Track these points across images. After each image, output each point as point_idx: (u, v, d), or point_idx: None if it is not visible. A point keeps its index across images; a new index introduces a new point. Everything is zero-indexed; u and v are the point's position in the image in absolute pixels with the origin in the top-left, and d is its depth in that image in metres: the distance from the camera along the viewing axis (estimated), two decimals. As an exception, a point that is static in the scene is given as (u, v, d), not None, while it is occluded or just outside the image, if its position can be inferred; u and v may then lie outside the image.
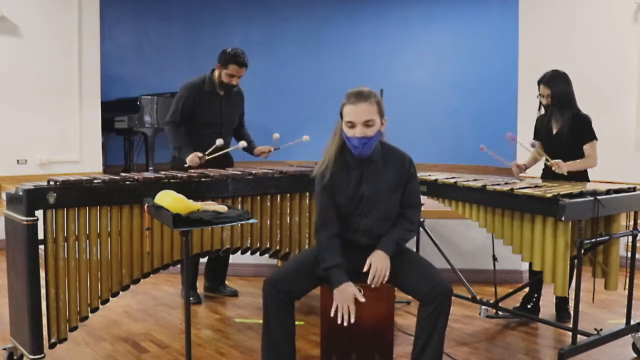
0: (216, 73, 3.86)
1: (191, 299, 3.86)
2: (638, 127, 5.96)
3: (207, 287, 4.18)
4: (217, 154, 3.67)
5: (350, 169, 2.60)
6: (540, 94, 3.55)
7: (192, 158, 3.66)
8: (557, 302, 3.63)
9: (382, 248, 2.55)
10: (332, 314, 2.43)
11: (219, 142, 3.66)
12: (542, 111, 3.61)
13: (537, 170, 3.73)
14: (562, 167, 3.34)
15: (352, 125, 2.49)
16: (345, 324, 2.41)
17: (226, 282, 4.19)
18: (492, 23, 8.49)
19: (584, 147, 3.47)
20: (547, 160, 3.38)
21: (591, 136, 3.47)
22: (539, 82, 3.53)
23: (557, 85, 3.45)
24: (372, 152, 2.56)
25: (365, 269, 2.51)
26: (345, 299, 2.42)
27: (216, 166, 3.54)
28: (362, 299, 2.44)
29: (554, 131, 3.51)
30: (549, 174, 3.52)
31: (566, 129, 3.43)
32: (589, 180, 3.48)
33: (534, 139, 3.68)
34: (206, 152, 3.66)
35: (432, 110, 8.85)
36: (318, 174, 2.63)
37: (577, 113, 3.47)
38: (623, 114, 5.98)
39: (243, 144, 3.89)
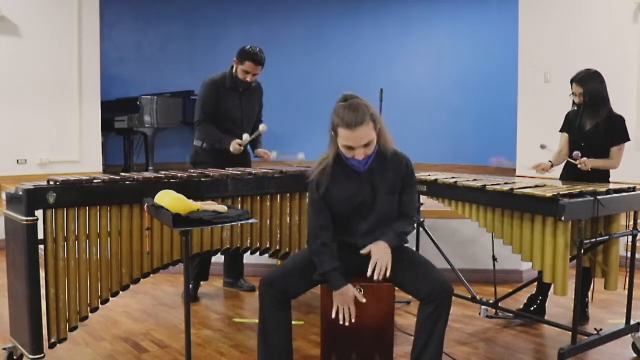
0: (234, 69, 3.92)
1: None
2: (638, 127, 5.95)
3: (227, 283, 4.31)
4: (251, 140, 3.91)
5: (348, 176, 2.56)
6: (573, 93, 3.52)
7: (234, 146, 3.80)
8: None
9: (385, 239, 2.52)
10: (333, 316, 2.45)
11: (245, 137, 3.85)
12: (575, 108, 3.57)
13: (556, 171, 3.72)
14: (588, 164, 3.35)
15: (351, 148, 2.43)
16: (347, 324, 2.45)
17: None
18: (492, 23, 8.49)
19: (613, 148, 3.46)
20: (571, 159, 3.35)
21: (623, 138, 3.46)
22: (572, 81, 3.50)
23: (590, 84, 3.43)
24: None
25: (364, 252, 2.49)
26: (346, 300, 2.45)
27: (237, 163, 3.75)
28: (363, 300, 2.46)
29: (587, 128, 3.49)
30: (571, 175, 3.52)
31: (601, 128, 3.42)
32: (609, 183, 3.46)
33: (563, 132, 3.65)
34: (244, 141, 3.85)
35: (432, 110, 8.84)
36: (314, 181, 2.59)
37: (611, 113, 3.46)
38: (623, 114, 5.94)
39: (246, 136, 3.90)
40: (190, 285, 3.91)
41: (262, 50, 3.90)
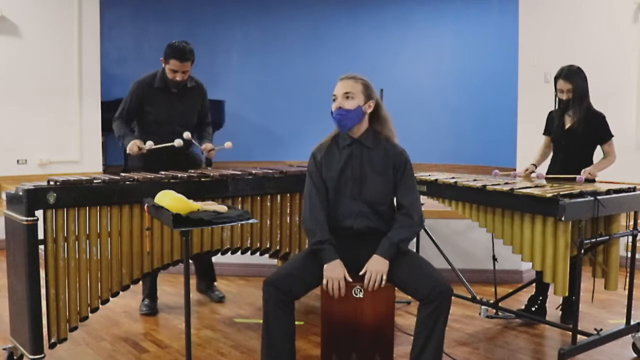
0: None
1: (145, 309, 3.72)
2: (638, 127, 5.95)
3: (199, 289, 4.10)
4: (160, 146, 3.52)
5: (340, 149, 2.70)
6: (558, 90, 3.49)
7: (131, 146, 3.51)
8: (565, 303, 3.58)
9: (380, 252, 2.56)
10: (324, 288, 2.52)
11: (177, 142, 3.54)
12: (557, 107, 3.57)
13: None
14: (594, 172, 3.36)
15: (334, 98, 2.65)
16: (336, 296, 2.51)
17: (215, 284, 4.09)
18: (492, 23, 8.50)
19: (603, 146, 3.49)
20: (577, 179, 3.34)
21: (608, 135, 3.48)
22: (557, 78, 3.48)
23: (577, 80, 3.43)
24: (354, 129, 2.66)
25: (362, 273, 2.54)
26: (335, 276, 2.51)
27: (177, 167, 3.40)
28: (350, 279, 2.53)
29: (567, 126, 3.50)
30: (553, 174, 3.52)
31: (581, 125, 3.42)
32: (594, 181, 3.47)
33: (544, 134, 3.69)
34: (148, 145, 3.51)
35: (432, 110, 8.85)
36: (313, 152, 2.75)
37: (591, 110, 3.46)
38: (623, 114, 5.97)
39: (179, 142, 3.57)
40: (147, 301, 3.74)
41: (189, 42, 3.62)
